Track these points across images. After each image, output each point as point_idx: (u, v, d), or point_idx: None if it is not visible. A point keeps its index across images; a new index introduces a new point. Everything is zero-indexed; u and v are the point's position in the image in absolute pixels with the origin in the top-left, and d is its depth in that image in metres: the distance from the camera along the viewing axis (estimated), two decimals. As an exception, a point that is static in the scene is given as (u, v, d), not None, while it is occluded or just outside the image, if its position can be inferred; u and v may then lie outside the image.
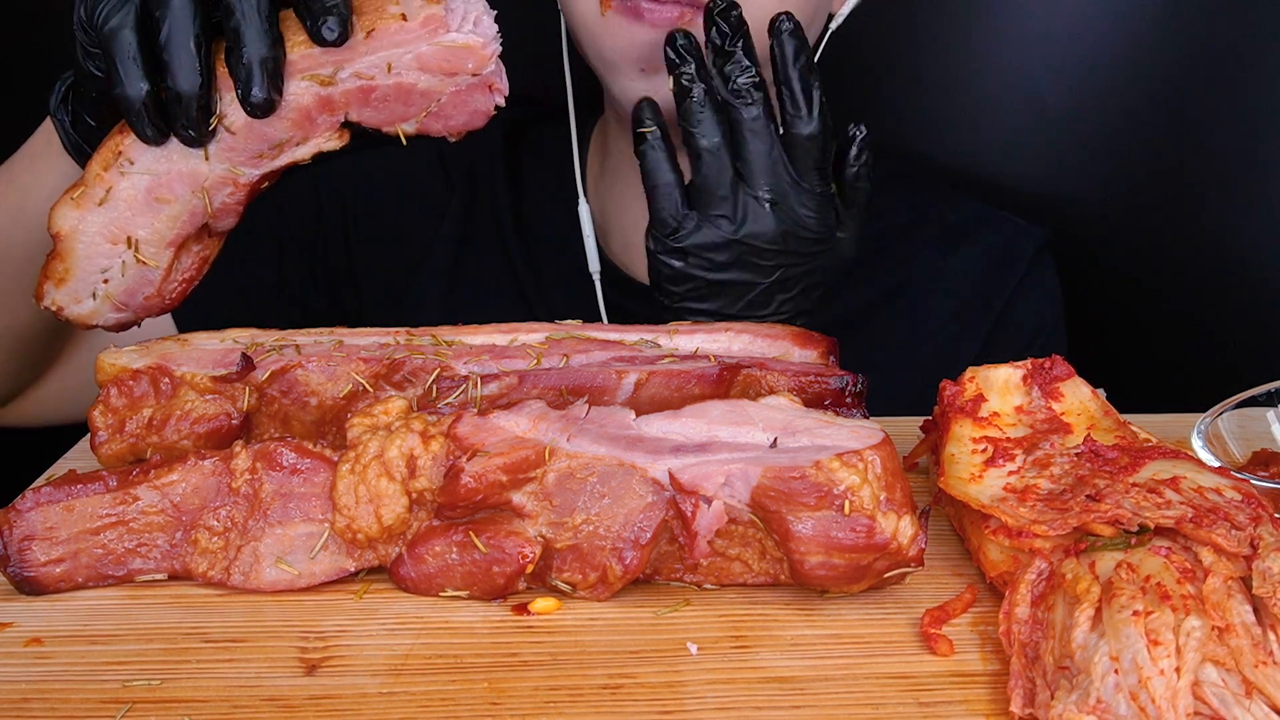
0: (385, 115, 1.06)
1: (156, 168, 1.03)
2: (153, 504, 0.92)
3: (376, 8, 1.02)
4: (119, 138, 1.02)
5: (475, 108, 1.08)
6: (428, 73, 1.04)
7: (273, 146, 1.05)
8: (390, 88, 1.04)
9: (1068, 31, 1.78)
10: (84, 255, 1.05)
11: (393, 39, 1.01)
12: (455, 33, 1.02)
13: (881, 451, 0.86)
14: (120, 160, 1.02)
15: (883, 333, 1.58)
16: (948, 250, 1.65)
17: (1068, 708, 0.73)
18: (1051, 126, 1.82)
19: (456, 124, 1.09)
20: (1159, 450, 0.94)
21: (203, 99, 0.99)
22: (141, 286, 1.08)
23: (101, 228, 1.04)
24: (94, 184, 1.03)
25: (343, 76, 1.02)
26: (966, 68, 1.85)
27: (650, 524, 0.88)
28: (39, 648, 0.85)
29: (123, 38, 0.98)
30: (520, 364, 1.01)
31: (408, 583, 0.91)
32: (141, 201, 1.04)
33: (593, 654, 0.84)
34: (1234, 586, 0.78)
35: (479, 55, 1.04)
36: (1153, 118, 1.77)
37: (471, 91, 1.07)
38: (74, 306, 1.07)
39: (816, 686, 0.81)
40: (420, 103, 1.06)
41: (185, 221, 1.06)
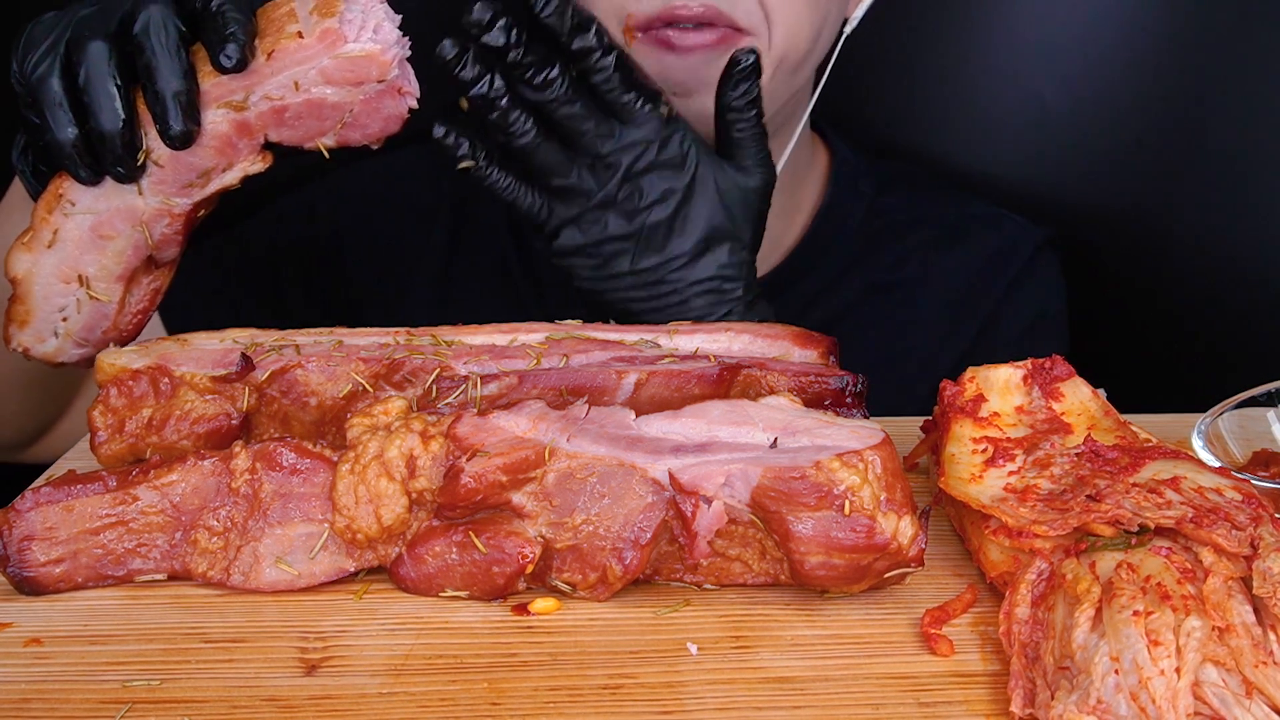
0: (302, 132, 1.08)
1: (96, 206, 1.05)
2: (152, 504, 0.92)
3: (276, 29, 1.04)
4: (59, 181, 1.04)
5: (388, 113, 1.09)
6: (334, 86, 1.05)
7: (200, 175, 1.07)
8: (301, 105, 1.05)
9: (1069, 33, 1.79)
10: (41, 296, 1.07)
11: (293, 58, 1.03)
12: (354, 43, 1.04)
13: (882, 451, 0.86)
14: (62, 203, 1.04)
15: (874, 329, 1.58)
16: (943, 249, 1.65)
17: (1068, 708, 0.73)
18: (1052, 127, 1.82)
19: (373, 131, 1.10)
20: (1159, 450, 0.94)
21: (126, 136, 1.02)
22: (98, 321, 1.10)
23: (54, 268, 1.07)
24: (41, 227, 1.05)
25: (254, 100, 1.04)
26: (967, 69, 1.85)
27: (650, 524, 0.88)
28: (38, 648, 0.85)
29: (49, 85, 1.02)
30: (520, 364, 1.01)
31: (407, 583, 0.91)
32: (87, 240, 1.06)
33: (593, 654, 0.84)
34: (1234, 587, 0.78)
35: (380, 62, 1.05)
36: (1153, 119, 1.77)
37: (381, 98, 1.08)
38: (39, 345, 1.10)
39: (816, 687, 0.81)
40: (334, 116, 1.07)
41: (130, 255, 1.08)
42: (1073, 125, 1.81)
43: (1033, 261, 1.66)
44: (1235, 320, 1.77)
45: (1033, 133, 1.83)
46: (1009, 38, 1.83)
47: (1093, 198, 1.83)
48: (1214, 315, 1.79)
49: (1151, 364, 1.84)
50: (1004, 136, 1.85)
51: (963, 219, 1.68)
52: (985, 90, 1.85)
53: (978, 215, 1.68)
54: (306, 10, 1.06)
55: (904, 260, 1.65)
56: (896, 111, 1.90)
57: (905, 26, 1.85)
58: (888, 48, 1.86)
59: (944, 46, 1.85)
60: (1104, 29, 1.77)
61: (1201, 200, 1.77)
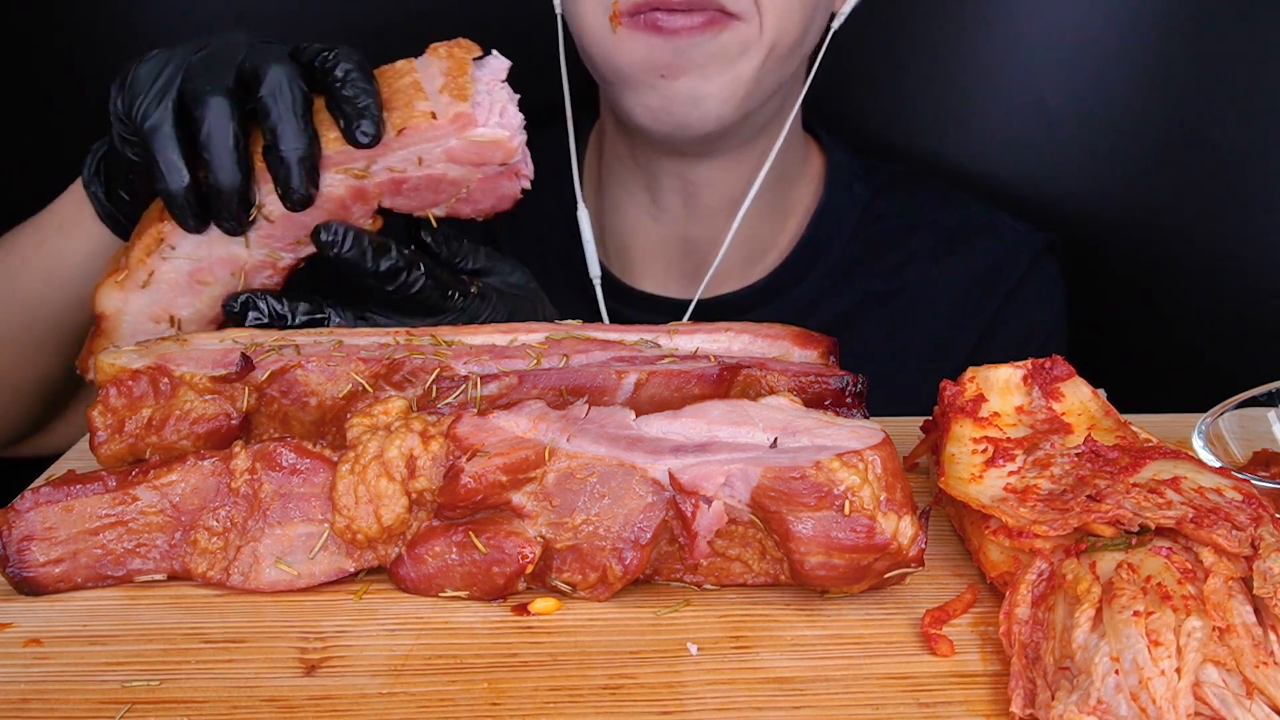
0: (416, 203, 1.11)
1: (198, 253, 1.07)
2: (152, 504, 0.92)
3: (405, 103, 1.06)
4: (160, 225, 1.06)
5: (502, 193, 1.13)
6: (457, 164, 1.08)
7: (307, 234, 1.09)
8: (421, 179, 1.08)
9: (1070, 33, 1.79)
10: (129, 334, 1.09)
11: (423, 135, 1.06)
12: (483, 128, 1.07)
13: (882, 452, 0.86)
14: (162, 247, 1.06)
15: (871, 336, 1.58)
16: (942, 256, 1.65)
17: (1068, 708, 0.73)
18: (1054, 128, 1.82)
19: (484, 207, 1.13)
20: (1160, 450, 0.94)
21: (242, 192, 1.04)
22: None
23: (145, 308, 1.09)
24: (137, 268, 1.07)
25: (375, 169, 1.06)
26: (969, 70, 1.85)
27: (650, 524, 0.88)
28: (38, 648, 0.85)
29: (163, 134, 1.03)
30: (520, 364, 1.01)
31: (407, 583, 0.91)
32: (184, 284, 1.09)
33: (593, 654, 0.84)
34: (1235, 587, 0.78)
35: (506, 148, 1.08)
36: (1154, 120, 1.77)
37: (498, 178, 1.11)
38: None
39: (817, 687, 0.81)
40: (450, 191, 1.10)
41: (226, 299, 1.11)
42: (1074, 126, 1.81)
43: (1031, 270, 1.65)
44: (1235, 320, 1.78)
45: (1034, 134, 1.84)
46: (1011, 39, 1.83)
47: (1093, 198, 1.83)
48: (1214, 315, 1.80)
49: (1152, 364, 1.84)
50: (1005, 138, 1.85)
51: (961, 226, 1.67)
52: (987, 92, 1.85)
53: (975, 222, 1.68)
54: (435, 87, 1.08)
55: (901, 268, 1.64)
56: (898, 113, 1.90)
57: (906, 27, 1.85)
58: (888, 49, 1.86)
59: (946, 48, 1.85)
60: (1105, 31, 1.77)
61: (1202, 200, 1.77)
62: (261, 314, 1.10)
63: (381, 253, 1.10)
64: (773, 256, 1.63)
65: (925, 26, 1.85)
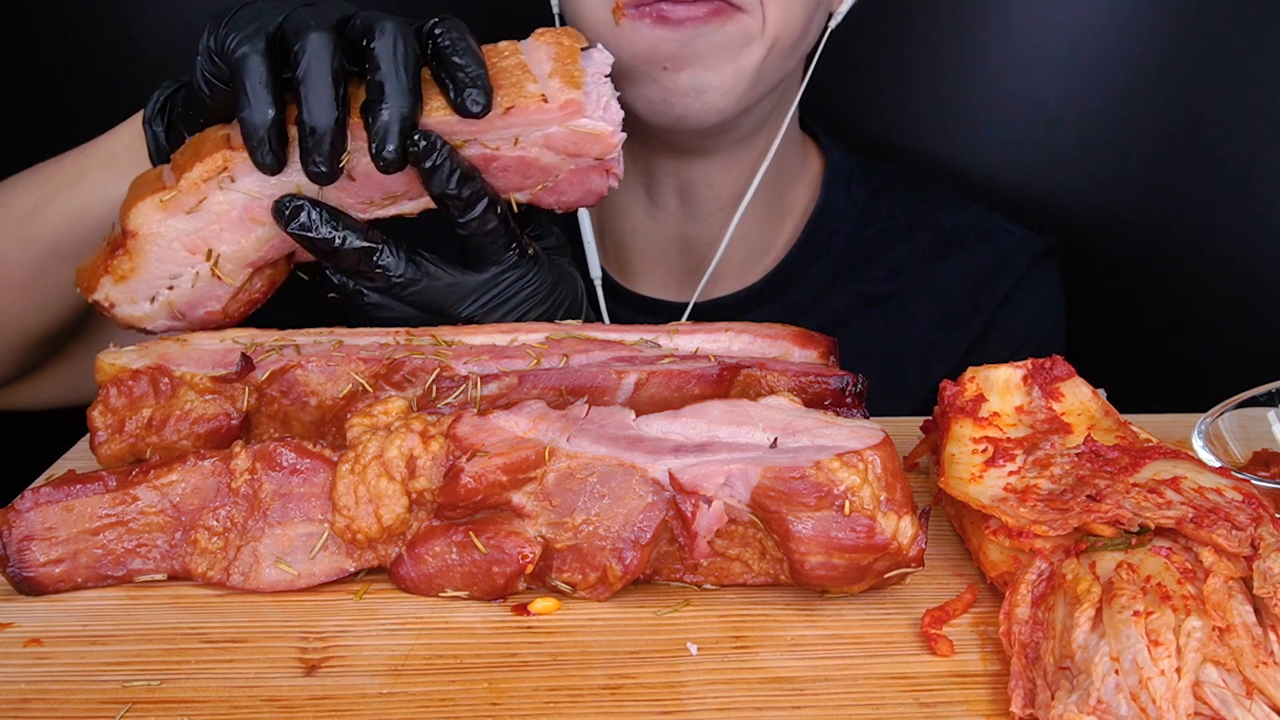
0: (502, 183, 1.09)
1: (259, 190, 1.04)
2: (152, 504, 0.92)
3: (514, 83, 1.05)
4: (228, 153, 1.02)
5: (590, 188, 1.11)
6: (553, 151, 1.07)
7: (386, 197, 1.07)
8: (513, 160, 1.07)
9: (1070, 34, 1.79)
10: (156, 259, 1.05)
11: (530, 117, 1.04)
12: (588, 118, 1.05)
13: (882, 451, 0.86)
14: (223, 176, 1.02)
15: (866, 338, 1.58)
16: (938, 260, 1.64)
17: (1068, 708, 0.73)
18: (1053, 128, 1.82)
19: (569, 200, 1.12)
20: (1159, 450, 0.94)
21: (336, 136, 1.00)
22: (206, 300, 1.08)
23: (183, 234, 1.05)
24: (189, 192, 1.03)
25: (471, 143, 1.05)
26: (969, 70, 1.85)
27: (650, 524, 0.88)
28: (38, 648, 0.85)
29: (253, 62, 1.00)
30: (520, 364, 1.01)
31: (407, 583, 0.91)
32: (235, 218, 1.05)
33: (593, 654, 0.84)
34: (1235, 587, 0.79)
35: (606, 142, 1.07)
36: (1154, 120, 1.78)
37: (589, 172, 1.10)
38: (127, 306, 1.07)
39: (817, 687, 0.81)
40: (538, 176, 1.09)
41: (274, 246, 1.08)
42: (1074, 127, 1.81)
43: (1028, 275, 1.65)
44: (1236, 320, 1.78)
45: (1034, 134, 1.84)
46: (1010, 39, 1.83)
47: (1093, 198, 1.83)
48: (1214, 315, 1.80)
49: (1152, 364, 1.84)
50: (1005, 138, 1.85)
51: (957, 229, 1.66)
52: (987, 92, 1.85)
53: (973, 225, 1.67)
54: (544, 71, 1.07)
55: (897, 272, 1.64)
56: (898, 113, 1.90)
57: (906, 27, 1.85)
58: (888, 49, 1.86)
59: (944, 48, 1.85)
60: (1105, 31, 1.77)
61: (1202, 200, 1.77)
62: (308, 226, 1.05)
63: (468, 180, 1.06)
64: (770, 258, 1.63)
65: (925, 26, 1.85)
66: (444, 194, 1.06)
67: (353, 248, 1.06)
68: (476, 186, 1.06)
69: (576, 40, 1.11)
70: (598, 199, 1.12)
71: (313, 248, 1.06)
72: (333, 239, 1.05)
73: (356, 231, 1.06)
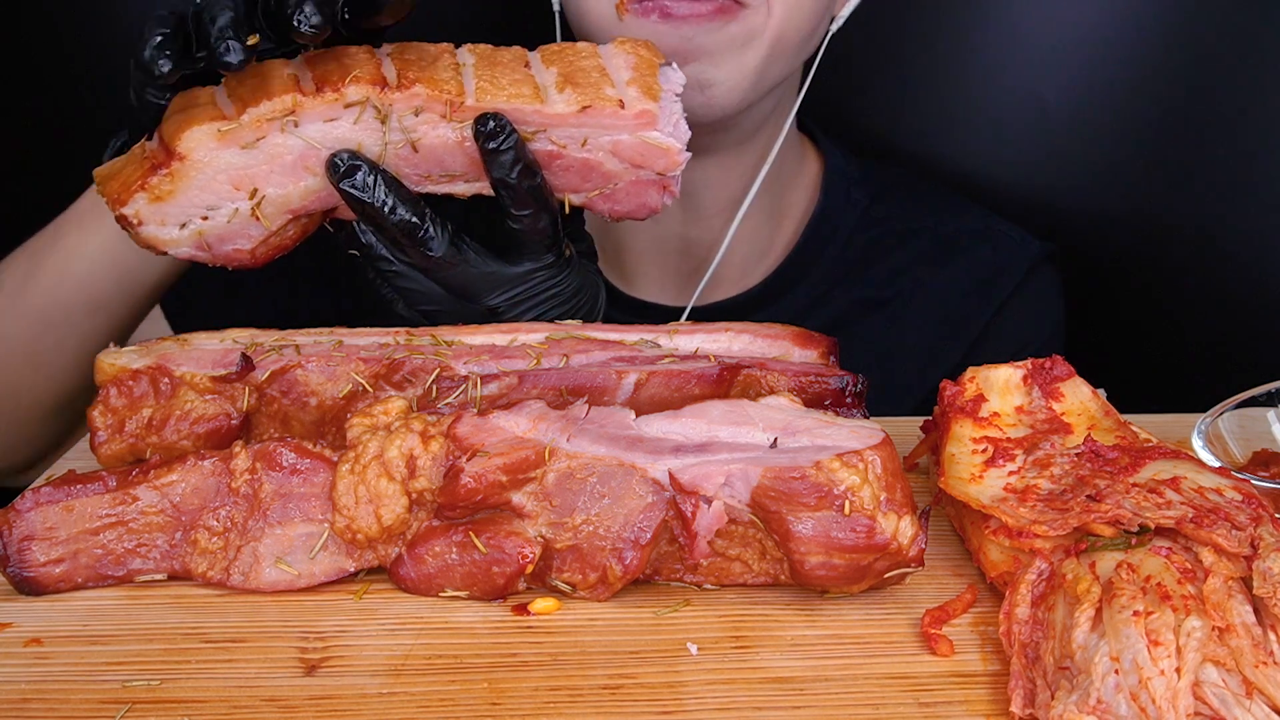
0: (561, 183, 1.09)
1: (320, 139, 1.03)
2: (152, 504, 0.92)
3: (592, 84, 1.05)
4: (298, 96, 1.00)
5: (645, 201, 1.11)
6: (618, 158, 1.07)
7: (444, 175, 1.07)
8: (577, 161, 1.07)
9: (1070, 35, 1.79)
10: (198, 186, 1.03)
11: (603, 120, 1.04)
12: (659, 132, 1.05)
13: (882, 452, 0.86)
14: (288, 118, 1.01)
15: (865, 342, 1.58)
16: (937, 264, 1.64)
17: (1068, 708, 0.73)
18: (1054, 129, 1.82)
19: (622, 210, 1.11)
20: (1159, 450, 0.94)
21: None
22: (238, 238, 1.07)
23: (232, 169, 1.03)
24: (249, 127, 1.01)
25: (540, 137, 1.05)
26: (968, 70, 1.85)
27: (650, 524, 0.88)
28: (39, 648, 0.85)
29: None
30: (520, 364, 1.01)
31: (407, 583, 0.91)
32: (288, 163, 1.04)
33: (593, 654, 0.84)
34: (1234, 587, 0.79)
35: (672, 158, 1.07)
36: (1154, 120, 1.78)
37: (648, 186, 1.10)
38: (154, 227, 1.05)
39: (817, 687, 0.81)
40: (598, 182, 1.09)
41: (319, 198, 1.07)
42: (1074, 127, 1.81)
43: (1026, 280, 1.65)
44: (1235, 321, 1.78)
45: (1034, 135, 1.84)
46: (1010, 39, 1.83)
47: (1093, 198, 1.83)
48: (1214, 315, 1.80)
49: (1151, 364, 1.84)
50: (1005, 138, 1.85)
51: (957, 233, 1.66)
52: (986, 93, 1.85)
53: (972, 229, 1.67)
54: (622, 78, 1.06)
55: (896, 276, 1.64)
56: (898, 114, 1.90)
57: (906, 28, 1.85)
58: (888, 49, 1.86)
59: (944, 48, 1.85)
60: (1105, 31, 1.77)
61: (1202, 201, 1.77)
62: (359, 188, 1.03)
63: (530, 173, 1.06)
64: (769, 261, 1.63)
65: (925, 27, 1.85)
66: (504, 181, 1.05)
67: (400, 218, 1.05)
68: (536, 182, 1.06)
69: (655, 54, 1.10)
70: (649, 214, 1.12)
71: (360, 209, 1.05)
72: (382, 206, 1.04)
73: (407, 203, 1.05)
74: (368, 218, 1.06)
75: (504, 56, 1.07)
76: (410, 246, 1.07)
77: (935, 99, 1.88)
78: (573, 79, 1.05)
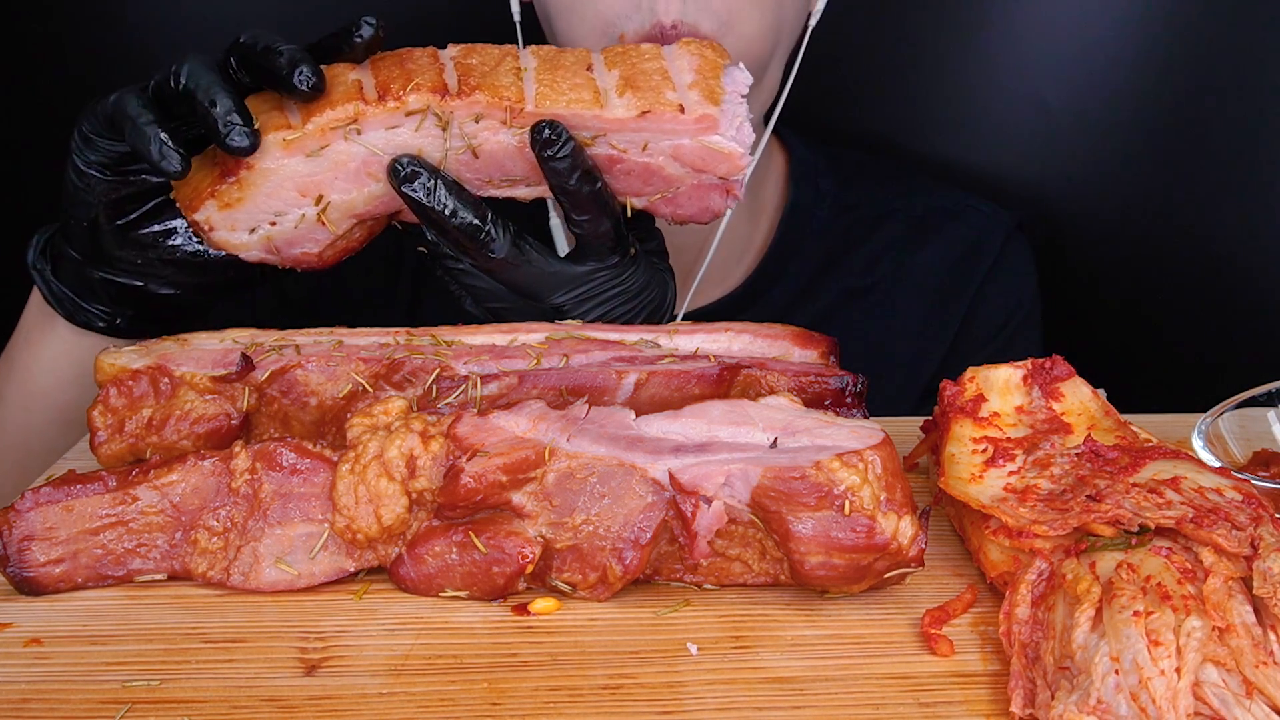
0: (621, 186, 1.09)
1: (383, 147, 1.04)
2: (152, 504, 0.92)
3: (653, 87, 1.04)
4: (360, 105, 1.01)
5: (708, 205, 1.10)
6: (679, 163, 1.06)
7: (505, 179, 1.08)
8: (638, 165, 1.06)
9: (1068, 30, 1.80)
10: (265, 194, 1.05)
11: (664, 125, 1.04)
12: (720, 136, 1.04)
13: (882, 452, 0.87)
14: (351, 127, 1.02)
15: (853, 332, 1.58)
16: (914, 246, 1.65)
17: (1068, 708, 0.73)
18: (1055, 130, 1.83)
19: (685, 213, 1.11)
20: (1159, 450, 0.94)
21: None
22: (305, 241, 1.09)
23: (298, 177, 1.04)
24: (313, 136, 1.02)
25: (600, 141, 1.05)
26: (968, 69, 1.86)
27: (650, 524, 0.88)
28: (38, 648, 0.85)
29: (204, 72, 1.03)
30: (520, 364, 1.01)
31: (407, 583, 0.91)
32: (352, 170, 1.05)
33: (593, 654, 0.85)
34: (1234, 587, 0.79)
35: (734, 163, 1.06)
36: (1155, 119, 1.78)
37: (710, 190, 1.09)
38: (225, 232, 1.07)
39: (817, 687, 0.81)
40: (660, 186, 1.08)
41: (382, 203, 1.08)
42: (1076, 128, 1.82)
43: (1004, 251, 1.67)
44: (1236, 320, 1.78)
45: (1036, 135, 1.84)
46: (1009, 39, 1.83)
47: (1093, 198, 1.84)
48: (1214, 315, 1.81)
49: (1152, 364, 1.85)
50: (1005, 136, 1.86)
51: (930, 212, 1.68)
52: (986, 90, 1.86)
53: (944, 207, 1.69)
54: (684, 81, 1.06)
55: (876, 261, 1.65)
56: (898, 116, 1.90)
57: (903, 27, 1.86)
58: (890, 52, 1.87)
59: (943, 48, 1.86)
60: (1104, 27, 1.78)
61: (1202, 202, 1.78)
62: (421, 193, 1.04)
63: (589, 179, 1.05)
64: (748, 260, 1.63)
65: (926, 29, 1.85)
66: (562, 187, 1.06)
67: (461, 221, 1.06)
68: (597, 187, 1.06)
69: (720, 55, 1.10)
70: (713, 217, 1.12)
71: (422, 213, 1.06)
72: (444, 209, 1.05)
73: (468, 206, 1.06)
74: (430, 221, 1.06)
75: (567, 59, 1.07)
76: (473, 249, 1.07)
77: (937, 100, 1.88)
78: (634, 82, 1.05)
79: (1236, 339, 1.79)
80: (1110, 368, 1.41)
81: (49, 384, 1.24)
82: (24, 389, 1.26)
